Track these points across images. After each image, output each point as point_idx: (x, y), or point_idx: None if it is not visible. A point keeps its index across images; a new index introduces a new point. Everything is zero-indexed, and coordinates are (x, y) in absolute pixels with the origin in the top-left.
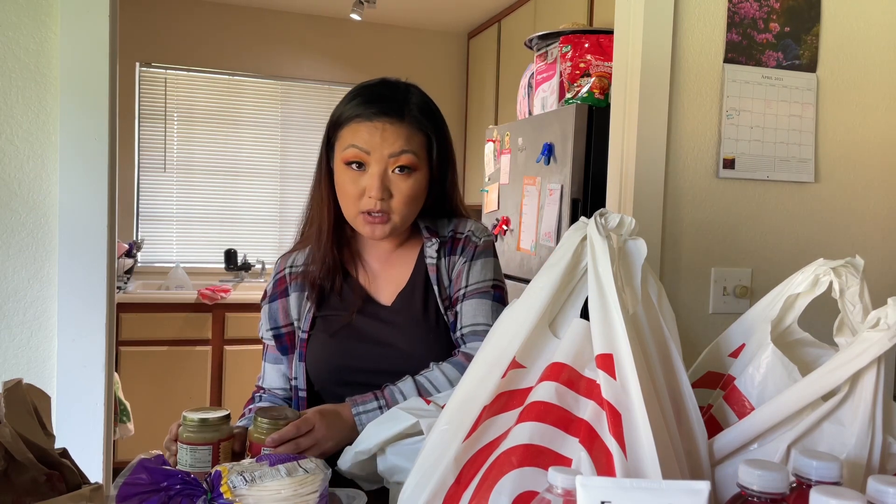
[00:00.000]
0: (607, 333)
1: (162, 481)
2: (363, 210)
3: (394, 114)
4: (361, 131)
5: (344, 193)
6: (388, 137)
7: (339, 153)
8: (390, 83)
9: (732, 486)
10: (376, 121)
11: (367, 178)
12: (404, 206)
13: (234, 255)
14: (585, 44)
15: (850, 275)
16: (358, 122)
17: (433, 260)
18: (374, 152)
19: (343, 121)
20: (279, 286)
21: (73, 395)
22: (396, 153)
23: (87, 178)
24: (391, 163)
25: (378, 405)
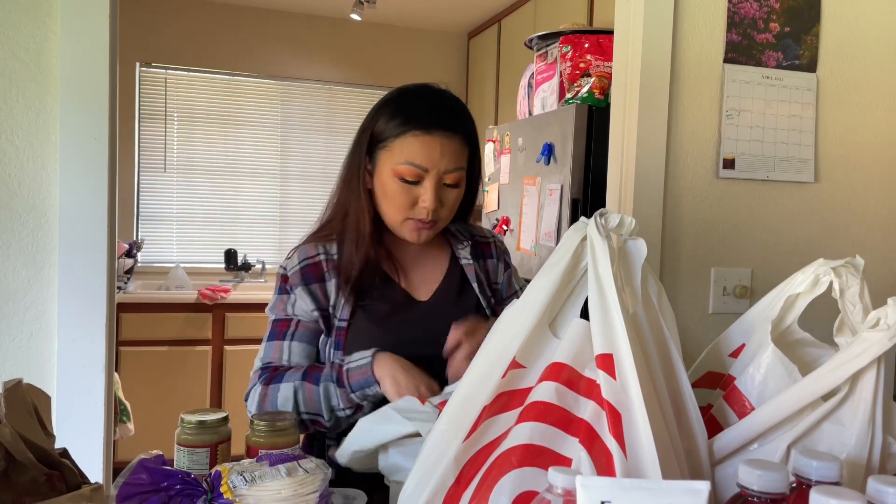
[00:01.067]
0: (607, 333)
1: (162, 481)
2: (412, 217)
3: (450, 128)
4: (419, 146)
5: (392, 202)
6: (445, 153)
7: (392, 164)
8: (439, 91)
9: (732, 486)
10: (435, 134)
11: (422, 191)
12: (449, 214)
13: (234, 255)
14: (585, 44)
15: (850, 275)
16: (414, 134)
17: (469, 261)
18: (432, 169)
19: (396, 129)
20: (314, 270)
21: (73, 395)
22: (451, 170)
23: (87, 178)
24: (445, 177)
25: None
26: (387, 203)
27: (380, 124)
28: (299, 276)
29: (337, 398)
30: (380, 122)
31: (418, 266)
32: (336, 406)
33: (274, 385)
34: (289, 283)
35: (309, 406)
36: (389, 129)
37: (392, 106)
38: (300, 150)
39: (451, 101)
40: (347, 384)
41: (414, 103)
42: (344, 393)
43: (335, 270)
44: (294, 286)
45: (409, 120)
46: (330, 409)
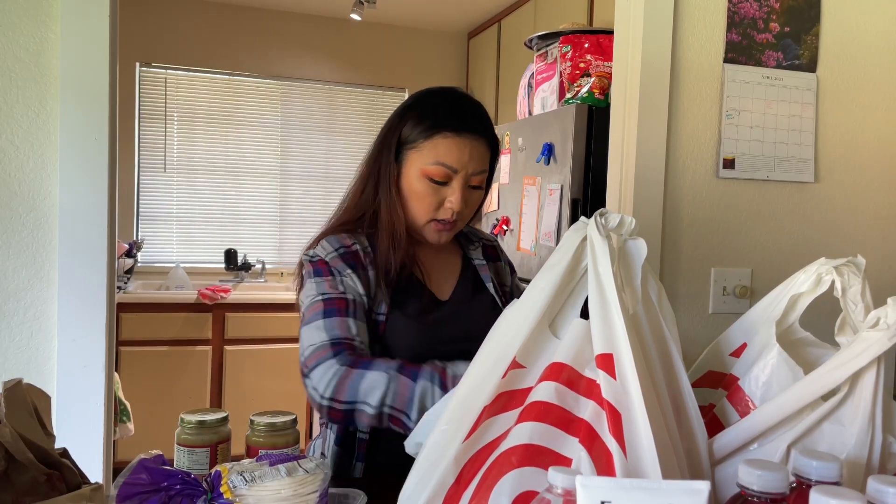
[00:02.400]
0: (607, 333)
1: (162, 481)
2: (436, 218)
3: (478, 131)
4: (450, 147)
5: (420, 202)
6: (474, 156)
7: (421, 164)
8: (466, 95)
9: (732, 486)
10: (465, 136)
11: (450, 192)
12: (469, 215)
13: (234, 255)
14: (585, 44)
15: (851, 274)
16: (445, 136)
17: (483, 262)
18: (461, 170)
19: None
20: (355, 258)
21: (73, 395)
22: (478, 172)
23: (87, 178)
24: (472, 180)
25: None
26: (414, 203)
27: (408, 126)
28: (342, 261)
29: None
30: (408, 124)
31: (436, 267)
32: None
33: (360, 370)
34: (332, 266)
35: (398, 401)
36: (419, 131)
37: (420, 108)
38: (300, 150)
39: (478, 106)
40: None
41: (443, 106)
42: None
43: (373, 264)
44: (340, 269)
45: (440, 122)
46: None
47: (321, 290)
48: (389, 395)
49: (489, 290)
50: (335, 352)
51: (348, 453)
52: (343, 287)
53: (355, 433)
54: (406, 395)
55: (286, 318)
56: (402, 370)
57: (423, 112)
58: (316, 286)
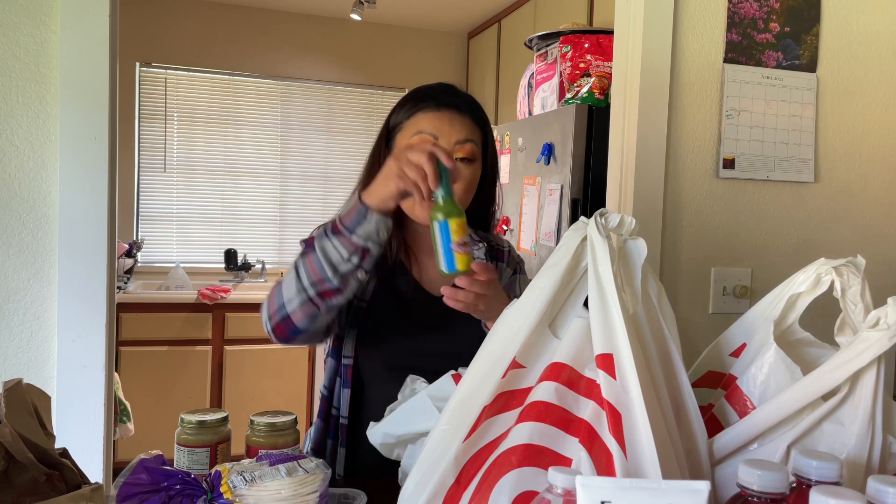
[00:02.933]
0: (607, 333)
1: (162, 481)
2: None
3: (458, 106)
4: (429, 118)
5: None
6: (455, 125)
7: (405, 141)
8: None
9: (732, 486)
10: (444, 110)
11: None
12: (465, 194)
13: (234, 255)
14: (585, 44)
15: (851, 274)
16: (424, 111)
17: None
18: (442, 138)
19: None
20: None
21: (73, 395)
22: (462, 140)
23: (87, 178)
24: (457, 149)
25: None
26: None
27: (394, 114)
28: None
29: (337, 249)
30: (395, 113)
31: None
32: (339, 259)
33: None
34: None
35: (311, 274)
36: (402, 114)
37: (405, 98)
38: (300, 150)
39: (462, 92)
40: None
41: (425, 89)
42: (344, 239)
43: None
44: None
45: (420, 101)
46: (332, 266)
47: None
48: (304, 276)
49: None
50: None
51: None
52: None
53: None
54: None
55: None
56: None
57: (407, 98)
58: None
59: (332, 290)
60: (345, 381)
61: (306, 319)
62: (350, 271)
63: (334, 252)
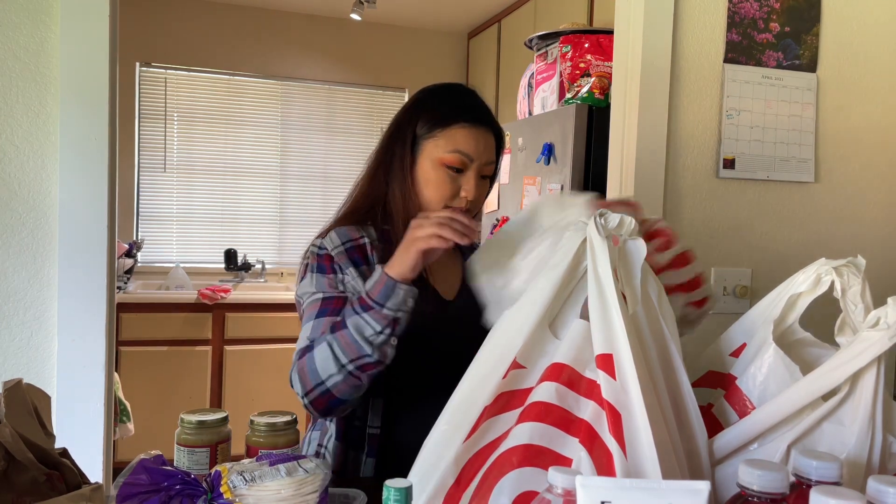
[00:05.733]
0: (607, 334)
1: (162, 481)
2: (451, 206)
3: (489, 124)
4: (467, 136)
5: (436, 190)
6: (488, 146)
7: (439, 153)
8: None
9: (732, 486)
10: (479, 128)
11: (465, 181)
12: (479, 206)
13: (234, 255)
14: (585, 44)
15: (851, 274)
16: (461, 126)
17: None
18: (476, 159)
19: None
20: (360, 252)
21: (73, 395)
22: (489, 162)
23: (87, 178)
24: (483, 169)
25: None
26: (429, 191)
27: (423, 118)
28: (346, 257)
29: (369, 324)
30: (423, 116)
31: (439, 265)
32: (372, 334)
33: (308, 354)
34: (336, 263)
35: (349, 352)
36: (435, 121)
37: (435, 100)
38: (300, 150)
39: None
40: (373, 302)
41: (458, 98)
42: (375, 314)
43: (379, 256)
44: (344, 266)
45: (458, 112)
46: (367, 340)
47: (321, 288)
48: (340, 354)
49: None
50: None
51: (354, 448)
52: (343, 287)
53: (363, 427)
54: (350, 342)
55: (286, 318)
56: (333, 329)
57: (439, 103)
58: (315, 282)
59: (372, 363)
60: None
61: (350, 390)
62: (385, 342)
63: (367, 327)
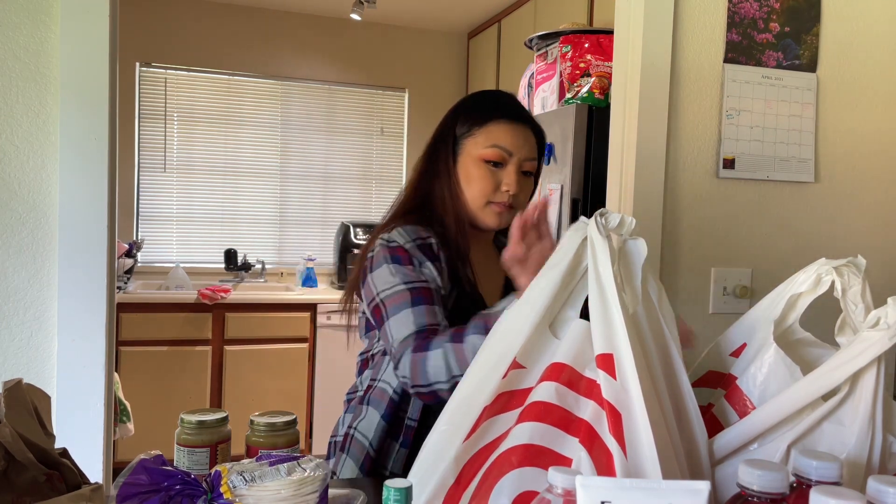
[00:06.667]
0: (607, 333)
1: (162, 481)
2: (493, 201)
3: (528, 121)
4: (504, 132)
5: (476, 186)
6: (527, 141)
7: (478, 149)
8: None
9: (732, 486)
10: (517, 124)
11: (505, 175)
12: (525, 202)
13: (234, 255)
14: (585, 44)
15: (852, 274)
16: (499, 122)
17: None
18: (516, 153)
19: (482, 119)
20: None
21: (73, 395)
22: (530, 158)
23: (87, 178)
24: (524, 164)
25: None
26: (471, 187)
27: (462, 118)
28: (419, 252)
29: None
30: (462, 117)
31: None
32: None
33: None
34: (412, 255)
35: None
36: (473, 120)
37: (473, 102)
38: (300, 150)
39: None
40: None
41: (494, 99)
42: None
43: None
44: (420, 260)
45: (494, 110)
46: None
47: (405, 279)
48: (453, 366)
49: None
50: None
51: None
52: (424, 276)
53: (403, 417)
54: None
55: (286, 318)
56: (453, 338)
57: (477, 105)
58: (397, 273)
59: None
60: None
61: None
62: None
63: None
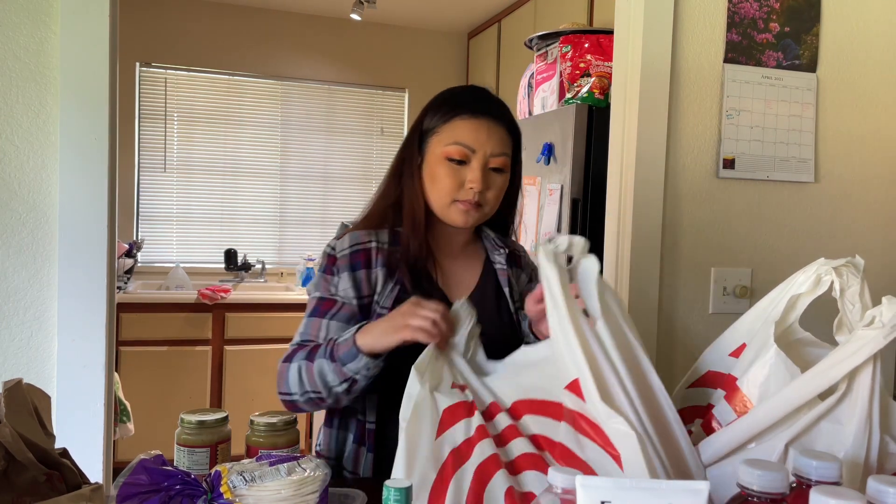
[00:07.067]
0: (572, 358)
1: (162, 481)
2: (459, 199)
3: (496, 115)
4: (467, 128)
5: (440, 185)
6: (492, 136)
7: (441, 147)
8: (486, 89)
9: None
10: (482, 118)
11: (470, 172)
12: (495, 200)
13: (234, 255)
14: (585, 44)
15: (850, 274)
16: (462, 118)
17: (503, 266)
18: (479, 150)
19: (444, 116)
20: (363, 256)
21: (73, 395)
22: (497, 153)
23: (87, 178)
24: (491, 161)
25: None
26: (435, 186)
27: (428, 116)
28: (347, 261)
29: (331, 374)
30: (428, 114)
31: (455, 266)
32: (332, 382)
33: (287, 364)
34: (335, 265)
35: (311, 384)
36: (438, 118)
37: (440, 100)
38: (300, 150)
39: (496, 97)
40: (338, 359)
41: (461, 94)
42: (336, 367)
43: (384, 259)
44: (340, 269)
45: (457, 106)
46: (326, 385)
47: (318, 289)
48: (305, 381)
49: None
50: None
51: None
52: (334, 289)
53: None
54: (313, 378)
55: (286, 318)
56: (308, 356)
57: (442, 102)
58: (318, 282)
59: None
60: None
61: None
62: (342, 393)
63: (329, 375)
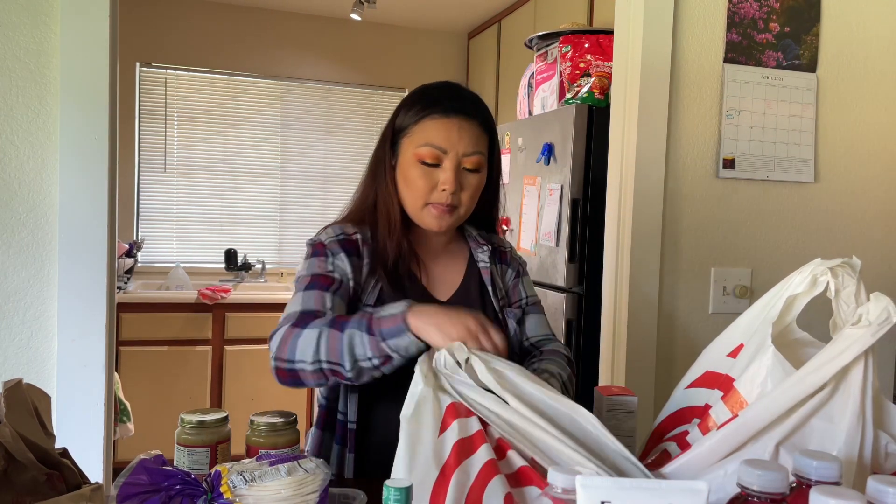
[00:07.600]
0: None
1: (162, 481)
2: (432, 202)
3: (467, 112)
4: (437, 128)
5: (413, 187)
6: (463, 136)
7: (412, 149)
8: (457, 85)
9: (722, 491)
10: (453, 117)
11: (442, 174)
12: (470, 201)
13: (235, 255)
14: (585, 44)
15: (846, 275)
16: (433, 118)
17: (486, 264)
18: (451, 150)
19: (416, 116)
20: (352, 245)
21: (73, 395)
22: (470, 153)
23: (87, 178)
24: (464, 161)
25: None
26: (408, 189)
27: (400, 116)
28: (338, 245)
29: (363, 346)
30: (401, 114)
31: (438, 265)
32: (361, 355)
33: (298, 329)
34: (328, 249)
35: (330, 353)
36: (409, 117)
37: (412, 98)
38: (300, 150)
39: (468, 92)
40: (378, 332)
41: (432, 92)
42: (374, 341)
43: (370, 253)
44: (334, 252)
45: (428, 106)
46: (353, 357)
47: (310, 270)
48: (322, 349)
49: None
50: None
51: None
52: (332, 266)
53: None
54: (336, 347)
55: None
56: (332, 324)
57: (414, 100)
58: (308, 266)
59: (344, 376)
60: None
61: (314, 381)
62: (368, 369)
63: (360, 348)
